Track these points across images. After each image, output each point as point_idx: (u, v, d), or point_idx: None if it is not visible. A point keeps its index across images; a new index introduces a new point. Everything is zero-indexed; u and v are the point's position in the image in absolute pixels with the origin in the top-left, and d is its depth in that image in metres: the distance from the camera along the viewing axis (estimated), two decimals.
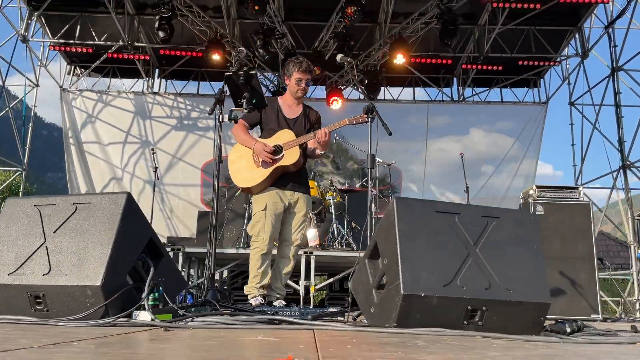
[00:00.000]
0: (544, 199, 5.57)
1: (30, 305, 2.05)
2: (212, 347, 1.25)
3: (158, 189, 12.05)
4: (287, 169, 3.84)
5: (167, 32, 8.96)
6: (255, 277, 3.83)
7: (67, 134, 11.85)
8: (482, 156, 12.52)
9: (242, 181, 3.90)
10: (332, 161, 12.40)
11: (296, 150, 3.80)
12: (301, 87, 3.97)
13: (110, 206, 2.11)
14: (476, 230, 2.13)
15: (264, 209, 3.82)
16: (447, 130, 12.67)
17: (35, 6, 10.27)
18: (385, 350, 1.29)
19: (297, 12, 10.57)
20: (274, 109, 3.97)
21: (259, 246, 3.81)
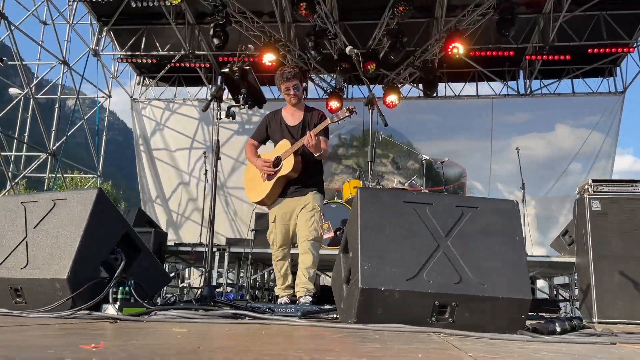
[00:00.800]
0: (601, 193, 5.15)
1: (12, 298, 2.17)
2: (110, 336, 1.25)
3: (222, 192, 12.47)
4: (289, 177, 3.97)
5: (221, 39, 9.21)
6: (279, 280, 4.14)
7: (137, 141, 12.50)
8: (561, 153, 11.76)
9: (253, 196, 4.15)
10: (392, 161, 12.22)
11: (291, 157, 3.91)
12: (290, 94, 4.04)
13: (81, 202, 2.19)
14: (449, 221, 1.99)
15: (274, 221, 4.08)
16: (517, 126, 12.05)
17: (105, 21, 10.94)
18: (293, 342, 1.23)
19: (351, 12, 10.53)
20: (278, 121, 4.16)
21: (274, 254, 4.12)
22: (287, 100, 4.11)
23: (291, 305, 2.85)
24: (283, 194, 4.05)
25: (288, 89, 4.02)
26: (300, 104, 4.16)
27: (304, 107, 4.20)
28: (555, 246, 6.49)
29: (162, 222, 12.34)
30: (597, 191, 5.20)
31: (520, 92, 11.73)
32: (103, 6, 10.47)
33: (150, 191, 12.51)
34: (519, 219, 2.03)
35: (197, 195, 12.04)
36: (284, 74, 3.99)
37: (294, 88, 4.02)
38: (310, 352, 1.02)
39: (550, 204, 11.79)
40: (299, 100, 4.14)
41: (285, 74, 3.99)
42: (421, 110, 12.34)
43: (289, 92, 4.04)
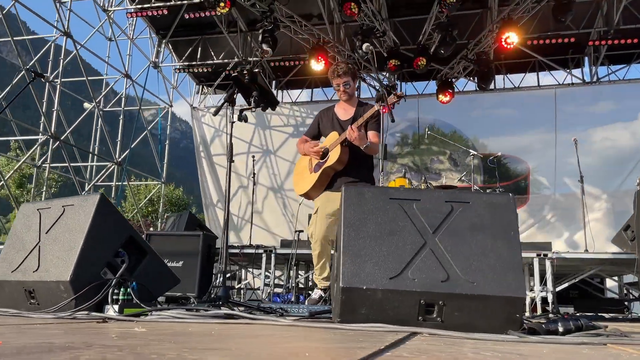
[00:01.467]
0: None
1: (27, 300, 2.32)
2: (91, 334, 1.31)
3: (279, 194, 12.68)
4: (335, 169, 3.90)
5: (270, 44, 9.35)
6: (316, 271, 4.12)
7: (198, 148, 12.94)
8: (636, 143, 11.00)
9: (299, 189, 4.14)
10: (449, 158, 11.92)
11: (337, 148, 3.84)
12: (340, 91, 4.07)
13: (84, 207, 2.30)
14: (437, 217, 1.90)
15: (316, 212, 4.02)
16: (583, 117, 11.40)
17: (163, 34, 11.43)
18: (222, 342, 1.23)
19: (400, 8, 10.39)
20: (330, 117, 4.16)
21: (313, 247, 4.08)
22: (339, 96, 4.14)
23: (303, 305, 2.84)
24: (329, 187, 3.99)
25: (339, 85, 4.04)
26: (352, 100, 4.16)
27: (357, 103, 4.19)
28: (617, 242, 6.08)
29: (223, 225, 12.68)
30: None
31: (585, 80, 11.09)
32: (161, 20, 10.94)
33: (212, 196, 12.91)
34: (514, 213, 1.91)
35: (256, 198, 12.32)
36: (336, 71, 4.02)
37: (344, 85, 4.04)
38: (197, 351, 1.02)
39: (623, 197, 11.08)
40: (350, 97, 4.13)
41: (337, 70, 4.02)
42: (479, 106, 11.98)
43: (339, 89, 4.07)
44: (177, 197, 31.12)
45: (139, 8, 10.12)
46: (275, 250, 6.50)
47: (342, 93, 4.07)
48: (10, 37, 8.62)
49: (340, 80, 4.01)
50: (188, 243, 5.93)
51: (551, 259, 5.48)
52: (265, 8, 9.24)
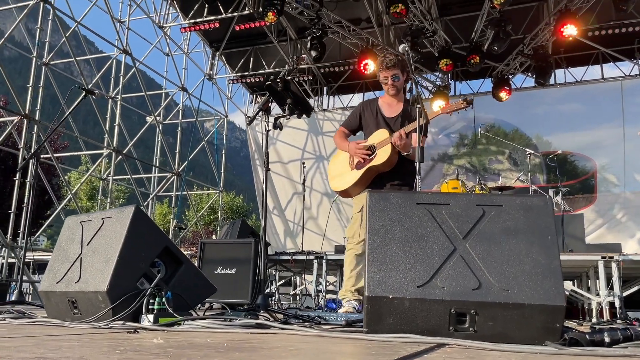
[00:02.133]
0: None
1: (70, 309, 2.40)
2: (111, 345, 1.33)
3: (333, 199, 12.70)
4: (380, 169, 3.63)
5: (318, 51, 9.38)
6: (350, 280, 3.69)
7: (253, 156, 13.18)
8: None
9: (337, 185, 3.85)
10: (508, 157, 11.51)
11: (388, 148, 3.56)
12: (388, 84, 3.76)
13: (121, 220, 2.35)
14: (467, 221, 1.79)
15: (360, 211, 3.73)
16: None
17: (216, 47, 11.73)
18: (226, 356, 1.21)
19: (451, 6, 10.17)
20: (373, 110, 3.86)
21: (353, 247, 3.71)
22: (385, 90, 3.83)
23: (343, 314, 2.79)
24: (371, 186, 3.69)
25: (387, 78, 3.74)
26: (399, 96, 3.86)
27: (404, 99, 3.89)
28: None
29: (280, 231, 12.86)
30: None
31: None
32: (213, 33, 11.25)
33: (268, 203, 13.05)
34: (551, 216, 1.78)
35: (311, 204, 12.37)
36: (384, 62, 3.72)
37: (392, 78, 3.73)
38: None
39: None
40: (398, 92, 3.82)
41: (385, 62, 3.72)
42: (540, 102, 11.52)
43: (387, 82, 3.76)
44: (237, 205, 31.82)
45: (192, 23, 10.44)
46: (327, 256, 6.47)
47: (390, 87, 3.76)
48: (73, 58, 9.11)
49: (388, 72, 3.71)
50: (241, 250, 6.00)
51: (617, 262, 5.14)
52: (313, 15, 9.30)
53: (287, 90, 2.87)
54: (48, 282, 2.55)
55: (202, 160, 14.97)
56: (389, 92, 3.82)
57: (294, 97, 2.90)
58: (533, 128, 11.52)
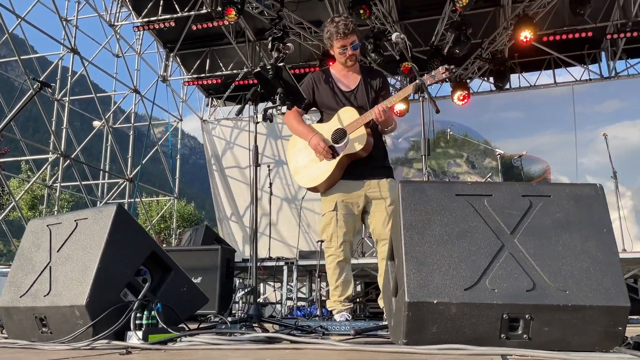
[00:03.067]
0: None
1: (38, 328, 2.05)
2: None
3: (294, 205, 12.43)
4: (356, 156, 3.19)
5: (280, 53, 9.13)
6: (336, 290, 3.29)
7: (209, 161, 12.75)
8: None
9: (304, 180, 3.33)
10: (466, 160, 11.62)
11: (362, 131, 3.14)
12: (347, 54, 3.28)
13: (101, 220, 2.03)
14: (514, 214, 1.62)
15: (334, 209, 3.24)
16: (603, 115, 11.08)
17: (171, 47, 11.27)
18: None
19: (410, 9, 10.16)
20: (328, 84, 3.37)
21: (333, 253, 3.27)
22: (343, 61, 3.32)
23: (345, 322, 2.55)
24: (344, 176, 3.25)
25: (345, 47, 3.25)
26: (355, 66, 3.39)
27: (360, 68, 3.45)
28: None
29: (238, 239, 12.47)
30: None
31: (603, 76, 10.77)
32: (168, 33, 10.80)
33: (225, 209, 12.69)
34: (605, 206, 1.63)
35: (270, 210, 12.07)
36: (339, 29, 3.21)
37: (352, 46, 3.26)
38: None
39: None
40: (357, 60, 3.37)
41: (340, 28, 3.21)
42: (496, 106, 11.71)
43: (345, 52, 3.27)
44: (189, 213, 30.98)
45: (146, 21, 9.97)
46: (297, 262, 6.22)
47: (350, 57, 3.27)
48: (17, 57, 8.48)
49: (346, 40, 3.22)
50: (206, 258, 5.68)
51: None
52: (274, 15, 9.06)
53: (278, 78, 2.62)
54: (9, 296, 2.18)
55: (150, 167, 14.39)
56: (347, 63, 3.33)
57: (286, 85, 2.65)
58: (488, 133, 11.67)
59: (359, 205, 3.28)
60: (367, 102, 3.32)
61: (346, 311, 3.29)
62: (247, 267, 6.38)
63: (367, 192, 3.27)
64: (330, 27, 3.28)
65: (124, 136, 13.23)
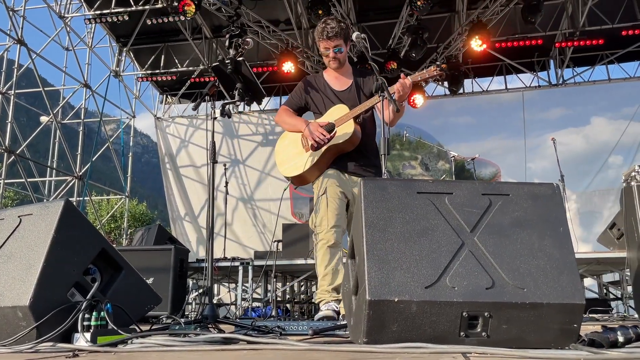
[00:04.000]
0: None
1: None
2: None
3: (250, 205, 12.30)
4: (342, 148, 3.20)
5: (237, 50, 9.02)
6: (325, 278, 3.14)
7: (163, 159, 12.45)
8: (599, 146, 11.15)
9: (290, 170, 3.30)
10: (420, 163, 11.81)
11: (350, 124, 3.16)
12: (329, 57, 3.31)
13: (47, 216, 1.93)
14: (475, 212, 1.64)
15: (324, 193, 3.19)
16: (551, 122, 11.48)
17: (124, 42, 10.95)
18: None
19: (368, 12, 10.25)
20: (321, 85, 3.43)
21: (324, 237, 3.12)
22: (326, 62, 3.38)
23: (302, 321, 2.51)
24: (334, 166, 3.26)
25: (327, 49, 3.28)
26: (345, 68, 3.43)
27: (351, 70, 3.48)
28: (603, 241, 5.99)
29: (192, 239, 12.23)
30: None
31: (552, 83, 11.18)
32: (121, 27, 10.49)
33: (179, 209, 12.43)
34: (561, 205, 1.67)
35: (226, 210, 11.91)
36: (325, 31, 3.23)
37: (334, 50, 3.28)
38: None
39: (592, 198, 11.24)
40: (341, 64, 3.37)
41: (326, 30, 3.22)
42: (450, 110, 11.95)
43: (328, 54, 3.30)
44: (141, 213, 30.22)
45: (98, 14, 9.64)
46: (253, 263, 6.14)
47: (332, 60, 3.31)
48: None
49: (329, 43, 3.25)
50: (158, 258, 5.54)
51: None
52: (232, 12, 8.94)
53: (237, 73, 2.56)
54: None
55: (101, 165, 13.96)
56: (330, 65, 3.38)
57: (245, 81, 2.59)
58: (441, 136, 11.89)
59: (347, 195, 3.25)
60: (358, 101, 3.33)
61: (334, 302, 3.12)
62: (201, 267, 6.25)
63: (354, 189, 3.23)
64: (319, 27, 3.32)
65: (73, 132, 12.77)
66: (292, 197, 12.00)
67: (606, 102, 11.11)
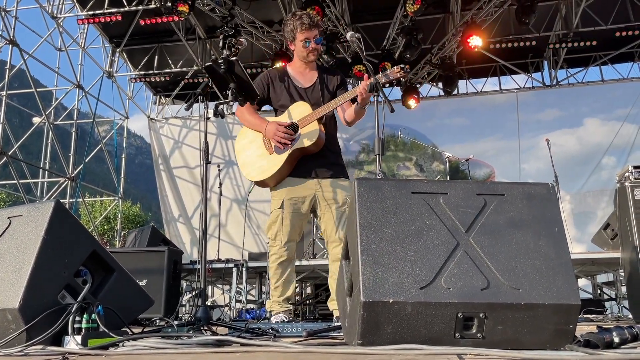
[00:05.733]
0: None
1: None
2: None
3: (244, 206, 12.26)
4: (307, 151, 3.13)
5: (231, 50, 8.99)
6: (276, 290, 3.22)
7: (157, 160, 12.39)
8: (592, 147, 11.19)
9: (253, 173, 3.21)
10: (415, 163, 11.82)
11: (314, 126, 3.10)
12: (309, 48, 3.23)
13: (37, 217, 1.90)
14: (469, 212, 1.62)
15: (281, 207, 3.17)
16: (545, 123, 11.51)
17: (117, 43, 10.89)
18: None
19: (363, 13, 10.25)
20: (284, 80, 3.33)
21: (276, 252, 3.18)
22: (304, 55, 3.28)
23: (296, 324, 2.50)
24: (293, 173, 3.19)
25: (308, 40, 3.20)
26: (311, 64, 3.37)
27: (316, 66, 3.41)
28: (597, 241, 6.00)
29: (186, 241, 12.18)
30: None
31: (546, 84, 11.21)
32: (114, 27, 10.44)
33: (173, 210, 12.38)
34: (557, 205, 1.66)
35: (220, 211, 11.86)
36: (304, 21, 3.17)
37: (315, 40, 3.23)
38: None
39: (586, 198, 11.28)
40: (318, 56, 3.35)
41: (305, 19, 3.18)
42: (444, 111, 11.97)
43: (308, 45, 3.21)
44: (134, 214, 30.07)
45: (91, 14, 9.58)
46: (247, 264, 6.11)
47: (312, 51, 3.24)
48: None
49: (310, 33, 3.19)
50: (152, 260, 5.51)
51: None
52: (226, 13, 8.92)
53: (230, 73, 2.54)
54: None
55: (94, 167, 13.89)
56: (309, 57, 3.29)
57: (239, 81, 2.58)
58: (436, 138, 11.90)
59: (306, 204, 3.22)
60: (321, 99, 3.27)
61: (284, 313, 3.19)
62: (195, 269, 6.22)
63: (317, 191, 3.21)
64: (294, 20, 3.25)
65: (65, 134, 12.70)
66: None
67: (599, 104, 11.16)
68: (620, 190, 4.80)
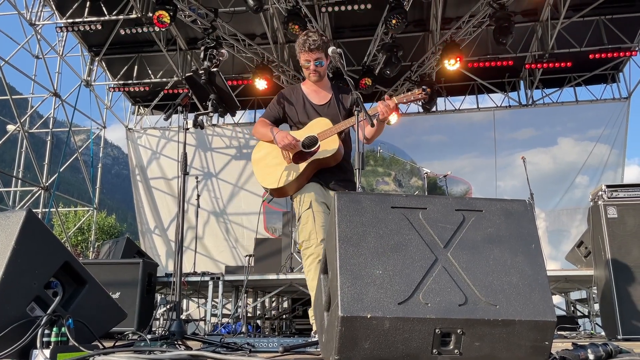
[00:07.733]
0: (617, 199, 4.80)
1: None
2: None
3: (222, 219, 12.15)
4: (325, 163, 3.18)
5: (212, 62, 8.97)
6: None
7: (134, 171, 12.24)
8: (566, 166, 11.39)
9: (270, 181, 3.23)
10: (394, 179, 11.90)
11: (334, 139, 3.15)
12: (310, 69, 3.31)
13: (7, 227, 1.85)
14: (448, 228, 1.63)
15: (309, 207, 3.16)
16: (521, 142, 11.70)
17: (96, 51, 10.79)
18: None
19: (344, 29, 10.35)
20: (299, 98, 3.41)
21: (313, 252, 3.07)
22: (306, 75, 3.37)
23: (272, 338, 2.47)
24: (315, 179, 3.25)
25: (308, 61, 3.28)
26: (324, 82, 3.43)
27: (330, 85, 3.48)
28: (571, 259, 6.09)
29: (161, 253, 12.00)
30: (612, 197, 4.85)
31: (522, 103, 11.44)
32: (93, 36, 10.35)
33: (149, 222, 12.20)
34: (533, 222, 1.68)
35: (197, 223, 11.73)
36: (307, 43, 3.22)
37: (315, 62, 3.28)
38: None
39: (560, 216, 11.47)
40: (321, 78, 3.37)
41: (308, 42, 3.22)
42: (423, 128, 12.10)
43: (309, 67, 3.29)
44: (109, 225, 29.58)
45: (70, 22, 9.48)
46: (223, 277, 6.04)
47: (312, 73, 3.31)
48: None
49: (311, 55, 3.25)
50: (126, 272, 5.40)
51: None
52: (207, 25, 8.91)
53: (211, 84, 2.52)
54: None
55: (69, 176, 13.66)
56: (310, 78, 3.37)
57: (219, 92, 2.56)
58: (414, 154, 12.01)
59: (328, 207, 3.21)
60: (339, 115, 3.33)
61: None
62: (169, 281, 6.12)
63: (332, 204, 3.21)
64: (300, 38, 3.30)
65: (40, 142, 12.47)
66: (265, 212, 11.92)
67: (573, 124, 11.41)
68: (593, 208, 4.90)
